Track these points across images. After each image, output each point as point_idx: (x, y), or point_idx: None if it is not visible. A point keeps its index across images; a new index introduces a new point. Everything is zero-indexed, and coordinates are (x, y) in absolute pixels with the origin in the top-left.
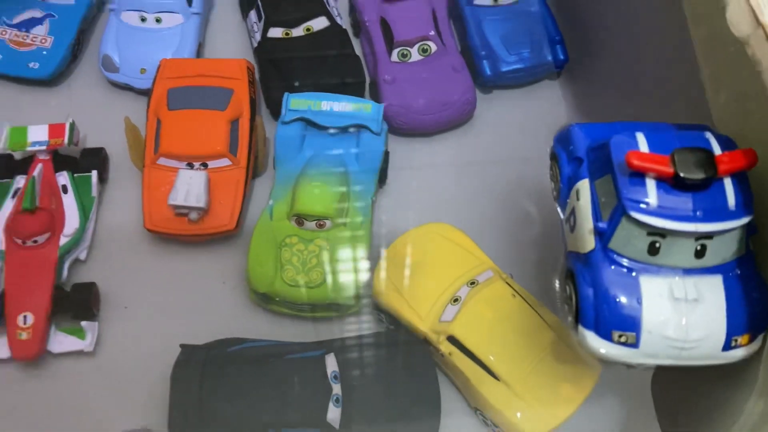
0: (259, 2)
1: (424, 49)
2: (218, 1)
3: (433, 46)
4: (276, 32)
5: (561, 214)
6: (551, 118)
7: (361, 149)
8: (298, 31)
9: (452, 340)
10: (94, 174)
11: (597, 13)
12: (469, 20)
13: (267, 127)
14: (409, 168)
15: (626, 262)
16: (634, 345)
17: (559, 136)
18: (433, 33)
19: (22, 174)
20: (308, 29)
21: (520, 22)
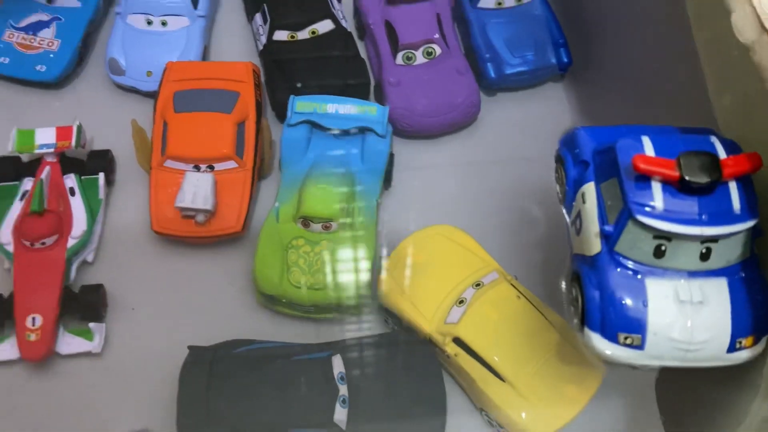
0: (264, 5)
1: (429, 52)
2: (224, 4)
3: (437, 49)
4: (281, 35)
5: (566, 217)
6: (555, 120)
7: (366, 151)
8: (303, 34)
9: (458, 342)
10: (101, 176)
11: (601, 16)
12: (473, 23)
13: (273, 130)
14: (414, 170)
15: (632, 265)
16: (640, 347)
17: (565, 138)
18: (437, 36)
19: (30, 176)
20: (313, 32)
21: (523, 25)
